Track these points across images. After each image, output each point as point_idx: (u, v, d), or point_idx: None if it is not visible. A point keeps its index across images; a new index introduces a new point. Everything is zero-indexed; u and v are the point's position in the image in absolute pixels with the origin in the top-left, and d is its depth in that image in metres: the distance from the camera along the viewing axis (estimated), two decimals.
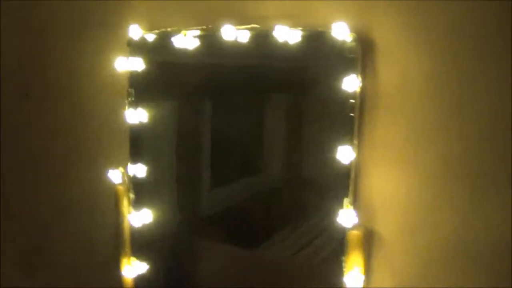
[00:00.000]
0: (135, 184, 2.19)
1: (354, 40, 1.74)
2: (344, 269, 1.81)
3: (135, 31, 2.10)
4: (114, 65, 2.13)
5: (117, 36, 2.19)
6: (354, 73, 1.74)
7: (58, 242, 2.61)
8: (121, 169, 2.18)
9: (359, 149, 1.81)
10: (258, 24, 1.89)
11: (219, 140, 2.22)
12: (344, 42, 1.74)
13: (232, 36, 1.90)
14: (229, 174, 2.23)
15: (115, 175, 2.19)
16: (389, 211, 1.84)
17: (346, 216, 1.79)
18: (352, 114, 1.76)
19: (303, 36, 1.80)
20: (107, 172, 2.19)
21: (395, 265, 1.85)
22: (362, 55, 1.77)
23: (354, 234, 1.79)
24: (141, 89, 2.13)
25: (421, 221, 1.80)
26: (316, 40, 1.80)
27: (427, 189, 1.78)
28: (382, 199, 1.84)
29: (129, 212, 2.19)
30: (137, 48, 2.11)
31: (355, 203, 1.82)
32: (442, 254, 1.79)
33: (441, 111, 1.72)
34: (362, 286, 1.80)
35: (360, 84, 1.76)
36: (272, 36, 1.83)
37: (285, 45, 1.82)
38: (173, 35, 2.01)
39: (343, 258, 1.81)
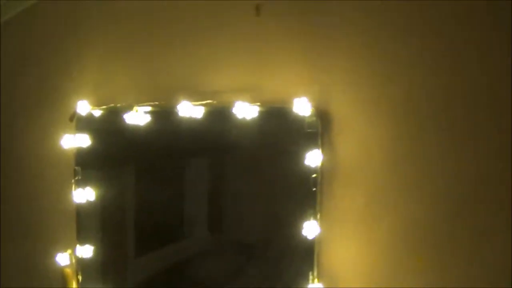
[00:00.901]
0: (82, 265, 2.09)
1: (314, 115, 1.77)
2: None
3: (83, 107, 2.02)
4: (61, 142, 2.04)
5: (65, 112, 2.10)
6: (316, 148, 1.76)
7: None
8: (69, 252, 2.07)
9: (320, 222, 1.81)
10: (215, 100, 1.88)
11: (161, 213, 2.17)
12: (304, 117, 1.76)
13: (186, 112, 1.88)
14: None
15: (62, 258, 2.07)
16: (351, 282, 1.83)
17: None
18: (314, 189, 1.79)
19: (262, 112, 1.81)
20: (56, 255, 2.08)
21: None
22: (321, 129, 1.79)
23: None
24: (88, 166, 2.06)
25: None
26: (276, 115, 1.82)
27: (387, 257, 1.80)
28: (344, 270, 1.84)
29: None
30: (84, 124, 2.04)
31: (318, 277, 1.82)
32: None
33: (398, 181, 1.76)
34: None
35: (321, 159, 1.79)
36: (230, 112, 1.82)
37: (244, 121, 1.82)
38: (122, 111, 1.96)
39: None
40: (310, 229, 1.78)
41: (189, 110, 1.88)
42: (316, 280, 1.80)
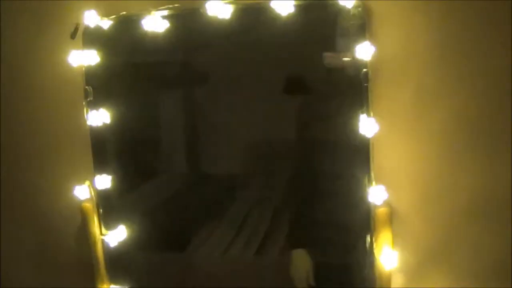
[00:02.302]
0: (103, 197, 1.88)
1: (358, 6, 1.62)
2: (374, 249, 1.71)
3: (91, 19, 1.77)
4: (69, 60, 1.78)
5: (71, 25, 1.80)
6: (364, 41, 1.62)
7: (17, 273, 2.16)
8: (87, 183, 1.86)
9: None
10: None
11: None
12: (348, 8, 1.61)
13: (212, 12, 1.66)
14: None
15: (81, 191, 1.86)
16: (401, 183, 1.75)
17: (374, 193, 1.67)
18: (366, 84, 1.65)
19: (300, 6, 1.64)
20: (73, 188, 1.86)
21: (416, 238, 1.78)
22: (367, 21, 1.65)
23: (382, 212, 1.69)
24: (100, 85, 1.82)
25: (434, 189, 1.75)
26: (316, 9, 1.67)
27: (437, 155, 1.73)
28: (394, 171, 1.75)
29: (100, 232, 1.88)
30: (92, 38, 1.80)
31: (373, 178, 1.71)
32: (460, 218, 1.75)
33: (447, 75, 1.67)
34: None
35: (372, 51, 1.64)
36: (262, 9, 1.64)
37: (280, 17, 1.63)
38: (134, 19, 1.73)
39: (371, 237, 1.71)
40: (367, 126, 1.64)
41: (214, 10, 1.66)
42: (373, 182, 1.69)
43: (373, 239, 1.70)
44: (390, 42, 1.68)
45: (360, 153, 1.68)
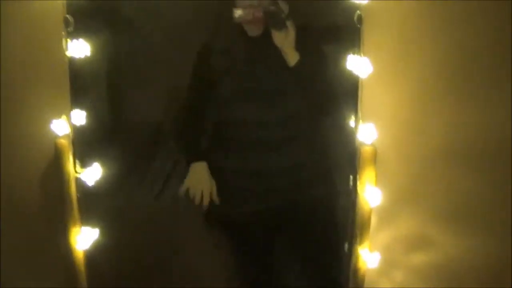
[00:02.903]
0: (79, 134, 1.78)
1: None
2: (357, 187, 1.77)
3: None
4: None
5: None
6: None
7: None
8: (64, 117, 1.76)
9: None
10: None
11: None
12: None
13: None
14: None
15: (57, 126, 1.75)
16: (382, 124, 1.80)
17: (363, 132, 1.73)
18: (359, 26, 1.69)
19: None
20: (50, 123, 1.74)
21: (392, 177, 1.88)
22: None
23: (369, 150, 1.74)
24: (83, 16, 1.71)
25: (414, 131, 1.87)
26: None
27: (419, 99, 1.84)
28: (376, 112, 1.81)
29: (75, 170, 1.79)
30: None
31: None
32: (437, 160, 1.88)
33: (430, 18, 1.77)
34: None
35: None
36: None
37: None
38: None
39: (355, 174, 1.78)
40: (360, 66, 1.69)
41: None
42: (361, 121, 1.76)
43: (357, 177, 1.77)
44: None
45: (348, 93, 1.74)
